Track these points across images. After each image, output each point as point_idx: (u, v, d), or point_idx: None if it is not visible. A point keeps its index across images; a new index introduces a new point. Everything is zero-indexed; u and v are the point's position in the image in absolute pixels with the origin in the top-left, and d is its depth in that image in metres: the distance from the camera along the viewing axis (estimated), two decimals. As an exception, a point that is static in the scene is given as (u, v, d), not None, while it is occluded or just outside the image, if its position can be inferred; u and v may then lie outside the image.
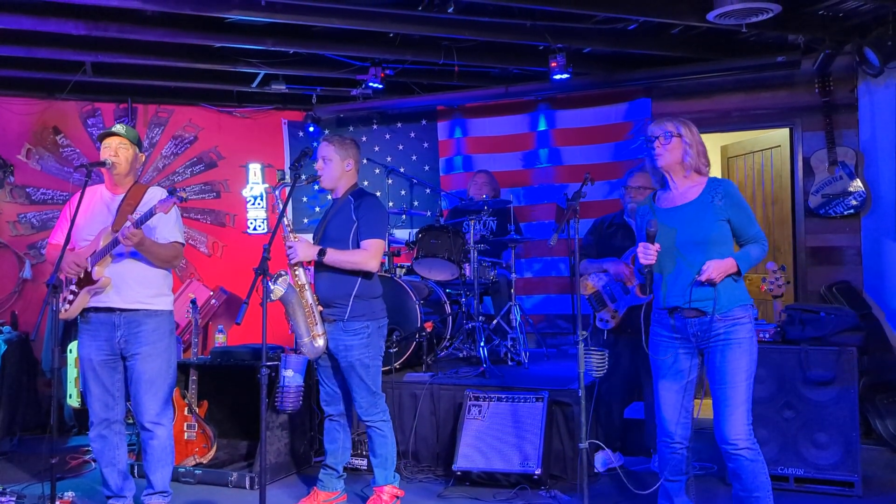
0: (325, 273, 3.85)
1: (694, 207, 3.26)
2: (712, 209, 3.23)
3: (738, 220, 3.25)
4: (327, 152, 3.92)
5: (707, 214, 3.22)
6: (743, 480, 3.16)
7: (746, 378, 3.16)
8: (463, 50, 5.76)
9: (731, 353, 3.16)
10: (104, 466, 3.84)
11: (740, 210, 3.25)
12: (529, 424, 4.35)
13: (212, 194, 7.22)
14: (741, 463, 3.14)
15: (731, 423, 3.13)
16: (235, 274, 6.93)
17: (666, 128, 3.27)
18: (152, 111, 7.01)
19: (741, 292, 3.26)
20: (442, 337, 5.39)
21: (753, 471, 3.14)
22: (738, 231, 3.28)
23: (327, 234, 3.90)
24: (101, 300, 3.68)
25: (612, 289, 4.46)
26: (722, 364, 3.17)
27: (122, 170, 3.77)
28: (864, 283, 5.63)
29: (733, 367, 3.15)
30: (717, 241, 3.22)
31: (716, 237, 3.22)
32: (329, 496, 4.05)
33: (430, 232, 5.36)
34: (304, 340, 3.82)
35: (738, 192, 3.30)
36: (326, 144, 3.94)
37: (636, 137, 6.31)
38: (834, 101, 5.65)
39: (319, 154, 3.94)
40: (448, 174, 7.02)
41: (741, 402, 3.14)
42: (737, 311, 3.20)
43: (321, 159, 3.93)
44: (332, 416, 4.04)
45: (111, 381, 3.77)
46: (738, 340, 3.17)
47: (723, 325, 3.18)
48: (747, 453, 3.13)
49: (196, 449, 4.80)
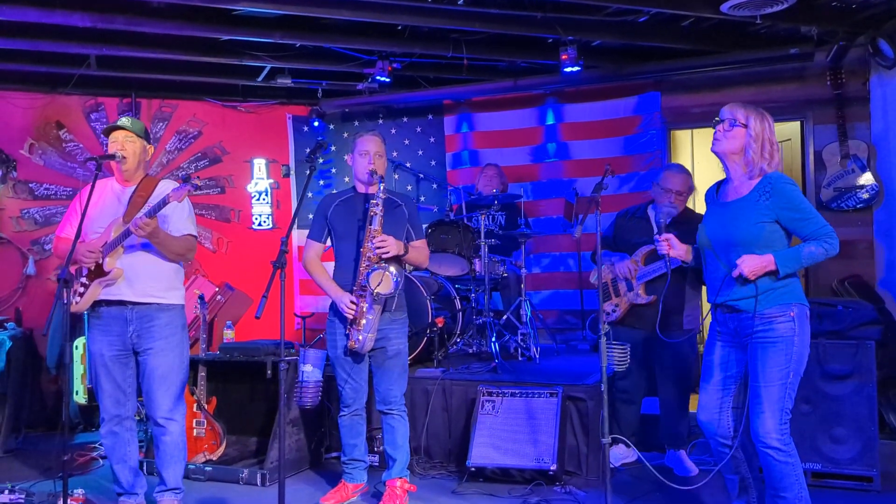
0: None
1: (740, 205, 3.11)
2: (756, 209, 3.05)
3: (790, 218, 3.03)
4: (380, 148, 3.93)
5: (749, 214, 3.06)
6: (771, 478, 3.11)
7: (782, 378, 3.04)
8: (472, 43, 5.71)
9: (767, 352, 3.06)
10: (115, 463, 3.79)
11: (791, 208, 3.03)
12: (544, 420, 4.30)
13: (216, 190, 7.16)
14: (769, 461, 3.08)
15: (761, 421, 3.06)
16: (240, 270, 6.89)
17: (735, 114, 3.09)
18: (156, 106, 6.95)
19: (782, 292, 3.06)
20: (452, 332, 5.34)
21: (782, 471, 3.06)
22: (794, 231, 3.07)
23: (384, 231, 3.80)
24: (113, 293, 3.62)
25: (619, 283, 4.44)
26: (755, 362, 3.09)
27: (131, 163, 3.72)
28: (877, 276, 5.59)
29: (767, 365, 3.05)
30: (755, 244, 3.05)
31: (754, 239, 3.05)
32: (357, 487, 4.10)
33: (440, 227, 5.32)
34: (368, 336, 3.77)
35: (791, 189, 3.04)
36: (379, 140, 3.94)
37: (645, 131, 6.27)
38: (846, 93, 5.61)
39: (368, 149, 3.88)
40: (455, 169, 6.98)
41: (774, 401, 3.04)
42: (775, 309, 3.05)
43: (374, 155, 3.87)
44: (355, 412, 4.01)
45: (123, 376, 3.71)
46: (776, 340, 3.05)
47: (760, 324, 3.07)
48: (775, 453, 3.05)
49: (206, 446, 4.75)
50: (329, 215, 3.97)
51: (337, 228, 3.94)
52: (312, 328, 6.66)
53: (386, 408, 3.95)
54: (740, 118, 3.09)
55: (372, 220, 3.77)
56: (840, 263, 5.71)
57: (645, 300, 4.30)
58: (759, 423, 3.07)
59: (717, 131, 3.14)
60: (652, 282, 4.27)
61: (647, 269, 4.29)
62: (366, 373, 3.99)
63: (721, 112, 3.15)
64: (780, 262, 3.00)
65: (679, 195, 4.28)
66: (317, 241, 3.99)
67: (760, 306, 3.04)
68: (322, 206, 4.02)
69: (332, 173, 7.41)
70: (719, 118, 3.14)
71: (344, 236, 3.92)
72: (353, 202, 3.96)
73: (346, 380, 3.95)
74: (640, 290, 4.32)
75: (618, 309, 4.43)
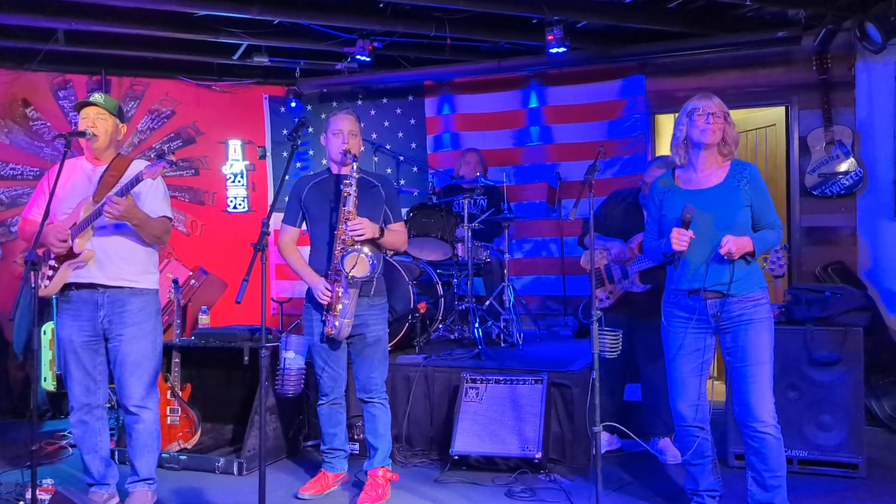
0: None
1: (722, 191, 3.22)
2: (739, 194, 3.18)
3: (760, 205, 3.21)
4: (355, 127, 3.79)
5: (735, 198, 3.18)
6: (768, 460, 3.17)
7: (769, 357, 3.17)
8: (455, 22, 5.57)
9: (755, 333, 3.16)
10: (85, 453, 3.66)
11: (763, 195, 3.22)
12: (529, 407, 4.23)
13: (190, 171, 6.97)
14: (767, 442, 3.15)
15: (759, 402, 3.14)
16: (215, 253, 6.73)
17: (717, 105, 3.19)
18: (127, 84, 6.73)
19: (758, 275, 3.24)
20: (434, 318, 5.24)
21: (778, 450, 3.16)
22: (758, 216, 3.22)
23: (359, 213, 3.67)
24: (83, 275, 3.47)
25: (612, 270, 4.35)
26: (746, 343, 3.16)
27: (102, 142, 3.56)
28: (859, 263, 5.59)
29: (757, 345, 3.15)
30: (742, 227, 3.18)
31: (741, 223, 3.18)
32: (337, 476, 4.01)
33: (422, 210, 5.21)
34: (345, 321, 3.65)
35: (761, 177, 3.25)
36: (353, 119, 3.80)
37: (629, 115, 6.19)
38: (831, 78, 5.56)
39: (342, 128, 3.74)
40: (436, 152, 6.85)
41: (766, 381, 3.15)
42: (757, 292, 3.20)
43: (347, 134, 3.73)
44: (335, 400, 3.92)
45: (93, 363, 3.58)
46: (760, 320, 3.17)
47: (743, 307, 3.17)
48: (774, 431, 3.14)
49: (180, 434, 4.62)
50: (303, 198, 3.85)
51: (311, 211, 3.82)
52: (289, 313, 6.53)
53: (366, 396, 3.85)
54: (722, 108, 3.20)
55: (346, 201, 3.64)
56: (823, 250, 5.72)
57: (641, 289, 4.23)
58: (758, 405, 3.14)
59: (712, 123, 3.17)
60: (646, 270, 4.20)
61: (642, 258, 4.22)
62: (344, 360, 3.88)
63: (702, 104, 3.19)
64: (756, 244, 3.15)
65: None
66: (291, 226, 3.87)
67: (745, 289, 3.16)
68: (296, 188, 3.90)
69: (308, 155, 7.25)
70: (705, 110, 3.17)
71: (318, 219, 3.80)
72: (328, 184, 3.83)
73: (324, 368, 3.85)
74: (637, 279, 4.24)
75: (611, 297, 4.36)
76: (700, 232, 3.15)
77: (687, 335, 3.27)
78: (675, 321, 3.32)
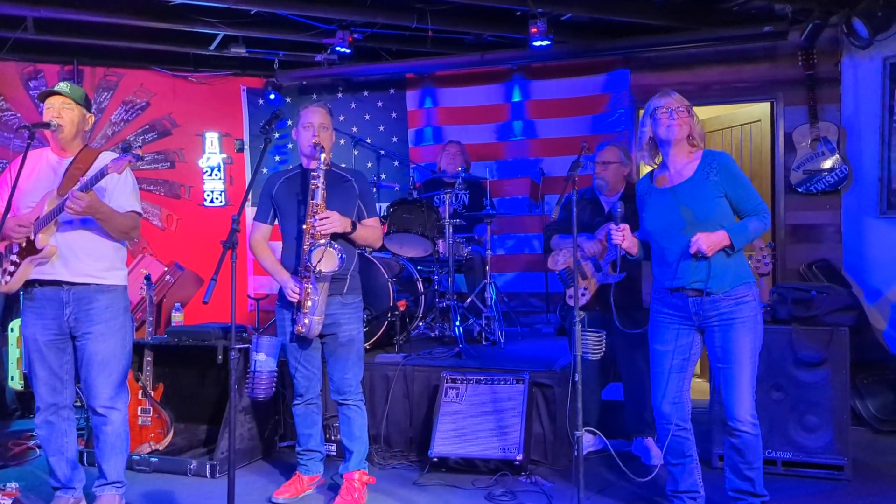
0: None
1: (692, 185, 3.17)
2: (709, 185, 3.13)
3: (736, 193, 3.14)
4: (326, 119, 3.68)
5: (705, 191, 3.13)
6: (746, 456, 3.18)
7: (751, 357, 3.13)
8: (437, 13, 5.45)
9: (736, 333, 3.11)
10: (51, 455, 3.53)
11: (737, 183, 3.15)
12: (510, 407, 4.15)
13: (165, 164, 6.82)
14: (745, 440, 3.16)
15: (738, 402, 3.13)
16: (191, 249, 6.60)
17: (678, 100, 3.16)
18: (100, 74, 6.57)
19: (743, 270, 3.17)
20: (414, 316, 5.14)
21: (756, 445, 3.17)
22: (737, 205, 3.18)
23: (330, 207, 3.57)
24: (47, 272, 3.34)
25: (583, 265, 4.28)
26: (726, 343, 3.12)
27: (68, 133, 3.42)
28: (844, 261, 5.54)
29: (738, 346, 3.11)
30: (718, 219, 3.12)
31: (717, 215, 3.12)
32: (312, 479, 3.92)
33: (402, 206, 5.09)
34: (315, 319, 3.55)
35: (734, 164, 3.19)
36: (324, 111, 3.69)
37: (614, 110, 6.12)
38: (817, 74, 5.50)
39: (312, 121, 3.63)
40: (417, 146, 6.74)
41: (746, 380, 3.12)
42: (740, 289, 3.13)
43: (318, 127, 3.62)
44: (310, 400, 3.82)
45: (59, 362, 3.45)
46: (743, 319, 3.12)
47: (726, 305, 3.12)
48: (752, 430, 3.14)
49: (151, 435, 4.49)
50: (274, 194, 3.74)
51: (282, 207, 3.73)
52: (267, 310, 6.40)
53: (341, 398, 3.74)
54: (684, 103, 3.17)
55: (314, 194, 3.53)
56: (808, 247, 5.67)
57: (616, 278, 4.15)
58: (737, 405, 3.13)
59: (677, 119, 3.13)
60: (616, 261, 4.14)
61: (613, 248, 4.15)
62: (318, 359, 3.79)
63: (666, 102, 3.16)
64: (733, 236, 3.07)
65: (604, 166, 4.28)
66: (262, 223, 3.77)
67: (726, 286, 3.09)
68: (267, 184, 3.80)
69: (288, 149, 7.11)
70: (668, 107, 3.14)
71: (288, 215, 3.71)
72: (299, 178, 3.73)
73: (297, 367, 3.75)
74: (610, 269, 4.18)
75: (587, 291, 4.28)
76: (673, 227, 3.14)
77: (672, 332, 3.24)
78: (660, 318, 3.29)
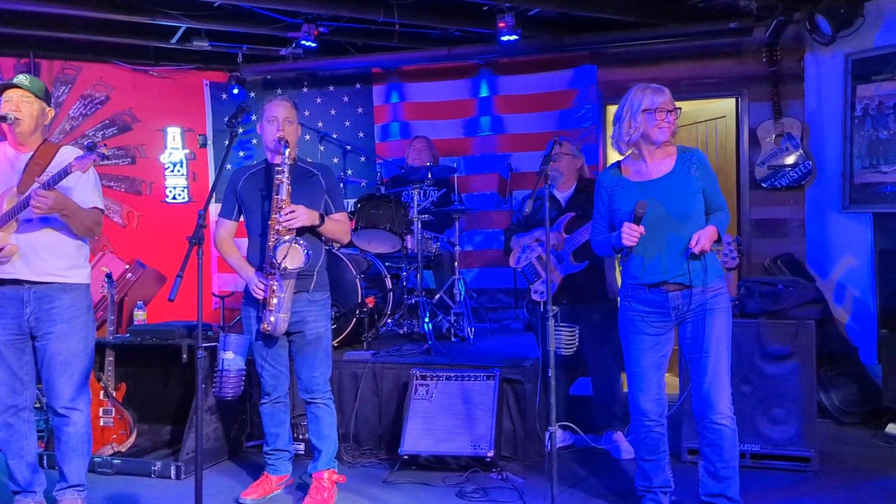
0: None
1: (673, 180, 3.16)
2: (690, 181, 3.14)
3: (711, 189, 3.18)
4: (290, 114, 3.62)
5: (688, 187, 3.13)
6: (723, 452, 3.14)
7: (728, 349, 3.14)
8: (404, 7, 5.39)
9: (715, 322, 3.11)
10: (10, 458, 3.43)
11: (712, 179, 3.20)
12: (480, 404, 4.12)
13: (126, 160, 6.67)
14: (723, 434, 3.12)
15: (717, 394, 3.11)
16: (153, 246, 6.46)
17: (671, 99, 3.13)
18: (58, 68, 6.39)
19: (716, 263, 3.20)
20: (382, 313, 5.09)
21: (733, 440, 3.13)
22: (710, 200, 3.21)
23: (297, 202, 3.50)
24: (6, 271, 3.24)
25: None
26: (706, 333, 3.11)
27: (27, 127, 3.31)
28: (807, 255, 5.62)
29: (716, 336, 3.11)
30: (698, 214, 3.15)
31: (697, 210, 3.15)
32: (281, 479, 3.85)
33: (370, 201, 5.05)
34: (280, 316, 3.48)
35: (708, 162, 3.23)
36: (289, 105, 3.63)
37: (581, 105, 6.12)
38: (781, 70, 5.57)
39: (276, 115, 3.57)
40: (384, 141, 6.68)
41: (724, 371, 3.12)
42: (716, 281, 3.15)
43: (282, 121, 3.55)
44: (277, 399, 3.76)
45: (19, 363, 3.36)
46: (720, 310, 3.13)
47: (705, 297, 3.12)
48: (730, 423, 3.12)
49: (113, 436, 4.38)
50: (238, 189, 3.68)
51: (246, 203, 3.66)
52: (232, 307, 6.28)
53: (309, 396, 3.69)
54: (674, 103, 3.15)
55: (278, 189, 3.47)
56: (773, 242, 5.74)
57: (579, 268, 4.18)
58: (717, 397, 3.11)
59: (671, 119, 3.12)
60: (576, 251, 4.15)
61: (572, 238, 4.19)
62: (285, 357, 3.73)
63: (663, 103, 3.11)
64: (720, 230, 3.11)
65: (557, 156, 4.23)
66: (227, 219, 3.70)
67: (707, 279, 3.11)
68: (232, 180, 3.73)
69: (252, 144, 7.01)
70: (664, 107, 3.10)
71: (253, 211, 3.64)
72: (263, 174, 3.66)
73: (264, 366, 3.69)
74: (571, 259, 4.19)
75: (553, 284, 4.27)
76: (653, 223, 3.08)
77: (648, 329, 3.21)
78: (634, 315, 3.23)
